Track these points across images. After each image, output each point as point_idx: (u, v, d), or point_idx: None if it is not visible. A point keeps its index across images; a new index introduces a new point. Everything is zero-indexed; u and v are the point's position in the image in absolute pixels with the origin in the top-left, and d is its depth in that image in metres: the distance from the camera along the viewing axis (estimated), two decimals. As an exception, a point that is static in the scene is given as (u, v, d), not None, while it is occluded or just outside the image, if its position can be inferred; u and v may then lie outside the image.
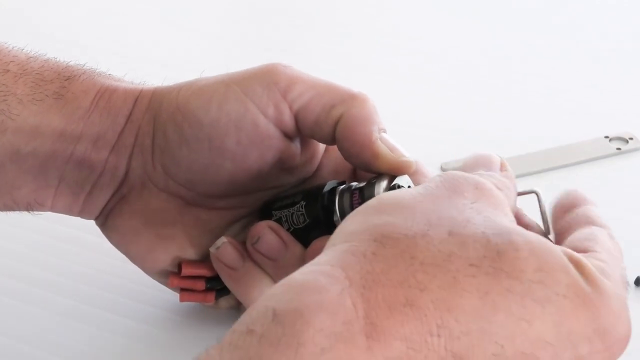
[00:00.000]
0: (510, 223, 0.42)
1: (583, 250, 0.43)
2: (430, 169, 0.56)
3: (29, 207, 0.57)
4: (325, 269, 0.39)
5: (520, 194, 0.48)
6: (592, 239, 0.44)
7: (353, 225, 0.42)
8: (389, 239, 0.40)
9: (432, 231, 0.40)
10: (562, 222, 0.47)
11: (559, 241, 0.46)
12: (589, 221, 0.46)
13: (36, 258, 0.66)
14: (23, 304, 0.63)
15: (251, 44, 0.94)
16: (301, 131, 0.56)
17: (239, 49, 0.92)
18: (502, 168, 0.48)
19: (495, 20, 0.97)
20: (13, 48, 0.57)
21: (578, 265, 0.41)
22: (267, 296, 0.39)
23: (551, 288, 0.40)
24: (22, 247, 0.67)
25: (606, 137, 0.79)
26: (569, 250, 0.42)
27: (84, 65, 0.58)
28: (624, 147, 0.78)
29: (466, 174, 0.44)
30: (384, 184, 0.53)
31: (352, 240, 0.41)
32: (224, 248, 0.57)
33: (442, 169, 0.75)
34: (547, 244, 0.41)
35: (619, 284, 0.42)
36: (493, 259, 0.40)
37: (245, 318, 0.38)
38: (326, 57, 0.90)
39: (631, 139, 0.78)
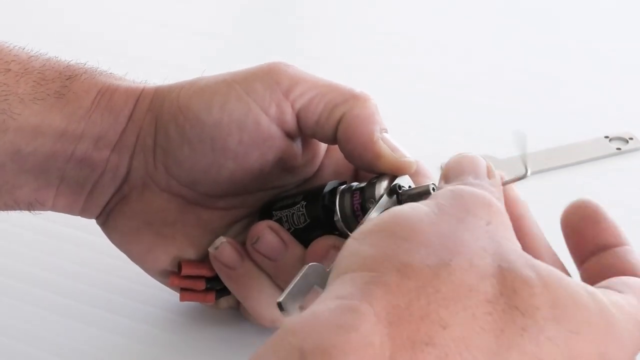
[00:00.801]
0: (522, 252, 0.42)
1: (612, 289, 0.43)
2: (430, 169, 0.56)
3: (30, 207, 0.57)
4: (353, 304, 0.38)
5: (507, 182, 0.48)
6: (628, 285, 0.43)
7: (370, 248, 0.41)
8: (411, 271, 0.39)
9: (453, 262, 0.40)
10: (597, 263, 0.46)
11: (587, 278, 0.45)
12: (632, 271, 0.45)
13: (36, 258, 0.66)
14: (23, 304, 0.63)
15: (252, 43, 0.94)
16: (303, 131, 0.56)
17: (239, 49, 0.92)
18: (489, 174, 0.47)
19: (496, 20, 0.97)
20: (14, 47, 0.57)
21: (592, 295, 0.41)
22: (290, 331, 0.38)
23: (564, 325, 0.40)
24: (22, 247, 0.67)
25: (606, 137, 0.79)
26: (585, 284, 0.41)
27: (85, 65, 0.58)
28: (624, 147, 0.78)
29: (476, 191, 0.44)
30: (384, 184, 0.53)
31: (373, 269, 0.40)
32: (223, 248, 0.57)
33: (442, 169, 0.75)
34: (560, 276, 0.41)
35: (631, 322, 0.41)
36: (509, 296, 0.39)
37: (268, 356, 0.37)
38: (327, 56, 0.90)
39: (631, 139, 0.78)
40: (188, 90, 0.56)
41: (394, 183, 0.53)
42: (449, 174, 0.47)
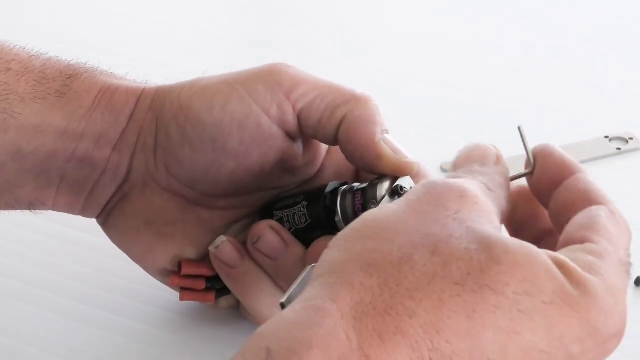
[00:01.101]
0: (492, 231, 0.42)
1: (580, 241, 0.43)
2: (430, 169, 0.56)
3: (30, 206, 0.57)
4: (317, 303, 0.39)
5: (514, 177, 0.48)
6: (590, 225, 0.43)
7: (338, 253, 0.41)
8: (374, 268, 0.40)
9: (416, 254, 0.40)
10: (556, 201, 0.46)
11: (558, 227, 0.46)
12: (586, 198, 0.45)
13: (36, 258, 0.66)
14: (23, 304, 0.63)
15: (252, 43, 0.94)
16: (304, 132, 0.56)
17: (240, 49, 0.92)
18: (497, 161, 0.47)
19: (495, 20, 0.97)
20: (15, 47, 0.57)
21: (563, 268, 0.41)
22: (259, 334, 0.39)
23: (537, 297, 0.40)
24: (22, 247, 0.67)
25: (606, 137, 0.79)
26: (553, 253, 0.41)
27: (85, 64, 0.58)
28: (624, 147, 0.78)
29: (450, 182, 0.44)
30: (386, 184, 0.53)
31: (338, 270, 0.40)
32: (223, 247, 0.57)
33: (442, 169, 0.75)
34: (530, 250, 0.41)
35: (611, 277, 0.41)
36: (477, 276, 0.39)
37: (238, 358, 0.38)
38: (327, 57, 0.90)
39: (631, 139, 0.78)
40: (189, 91, 0.56)
41: (395, 184, 0.53)
42: (458, 163, 0.47)
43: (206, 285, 0.58)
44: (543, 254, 0.41)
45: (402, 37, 0.94)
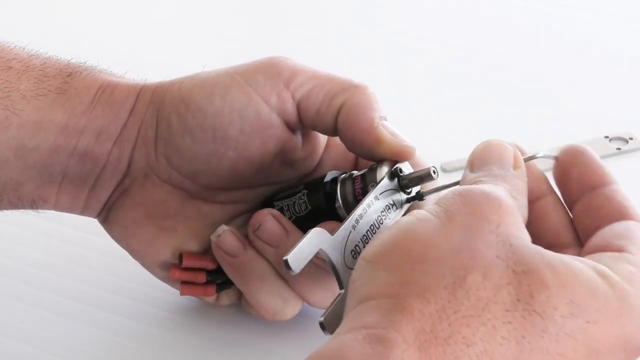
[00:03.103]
0: (535, 250, 0.42)
1: (617, 250, 0.44)
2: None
3: (33, 204, 0.58)
4: (381, 333, 0.39)
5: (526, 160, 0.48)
6: (627, 236, 0.44)
7: (387, 274, 0.42)
8: (430, 294, 0.40)
9: (468, 278, 0.41)
10: (589, 204, 0.47)
11: (581, 226, 0.46)
12: (622, 211, 0.46)
13: (36, 258, 0.66)
14: (23, 304, 0.63)
15: (251, 43, 0.94)
16: (303, 122, 0.56)
17: (239, 49, 0.92)
18: (516, 164, 0.48)
19: (496, 19, 0.97)
20: (14, 46, 0.58)
21: (605, 278, 0.42)
22: (321, 358, 0.39)
23: (582, 317, 0.41)
24: (22, 247, 0.67)
25: (606, 137, 0.78)
26: (595, 264, 0.42)
27: (85, 63, 0.58)
28: (624, 147, 0.78)
29: (487, 190, 0.44)
30: (385, 168, 0.53)
31: (392, 294, 0.41)
32: (225, 236, 0.57)
33: (443, 169, 0.75)
34: (574, 268, 0.41)
35: None
36: (527, 301, 0.40)
37: None
38: (326, 56, 0.90)
39: (631, 139, 0.78)
40: (189, 83, 0.56)
41: (394, 167, 0.53)
42: (474, 162, 0.48)
43: (207, 279, 0.58)
44: (586, 268, 0.42)
45: (401, 36, 0.94)
